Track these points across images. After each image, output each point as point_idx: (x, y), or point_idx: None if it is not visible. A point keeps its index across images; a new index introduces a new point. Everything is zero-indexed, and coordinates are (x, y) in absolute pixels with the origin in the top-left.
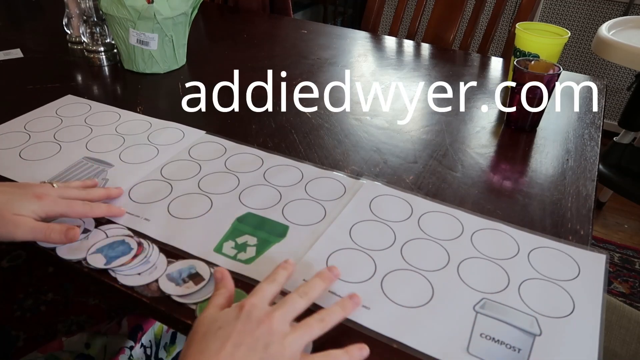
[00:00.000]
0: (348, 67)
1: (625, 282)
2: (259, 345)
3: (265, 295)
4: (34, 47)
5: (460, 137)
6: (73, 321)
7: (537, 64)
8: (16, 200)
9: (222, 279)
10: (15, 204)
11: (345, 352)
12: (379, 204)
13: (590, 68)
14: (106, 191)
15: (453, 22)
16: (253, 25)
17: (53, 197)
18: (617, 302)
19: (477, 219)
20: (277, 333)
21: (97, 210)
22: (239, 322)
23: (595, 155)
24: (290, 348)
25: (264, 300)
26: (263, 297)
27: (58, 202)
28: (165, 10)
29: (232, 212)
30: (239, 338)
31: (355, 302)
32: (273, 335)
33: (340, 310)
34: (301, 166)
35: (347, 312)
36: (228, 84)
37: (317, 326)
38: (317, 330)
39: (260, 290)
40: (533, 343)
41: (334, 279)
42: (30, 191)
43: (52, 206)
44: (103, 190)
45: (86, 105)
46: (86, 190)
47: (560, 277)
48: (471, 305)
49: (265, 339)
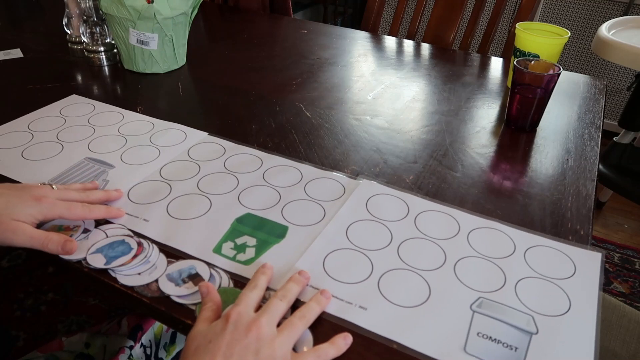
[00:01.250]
0: (348, 67)
1: (625, 282)
2: (250, 352)
3: (249, 302)
4: (34, 47)
5: (460, 137)
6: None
7: (537, 64)
8: (14, 203)
9: (207, 294)
10: (14, 208)
11: (331, 344)
12: (376, 203)
13: (590, 68)
14: (106, 194)
15: (453, 22)
16: (253, 25)
17: (52, 199)
18: (617, 302)
19: (473, 217)
20: (265, 338)
21: (96, 212)
22: (227, 333)
23: (595, 155)
24: (280, 349)
25: (249, 308)
26: (247, 305)
27: (57, 204)
28: (165, 10)
29: (232, 212)
30: (229, 348)
31: (326, 296)
32: (262, 340)
33: (316, 305)
34: (300, 167)
35: (322, 306)
36: (228, 83)
37: (300, 324)
38: (301, 327)
39: (244, 298)
40: (530, 341)
41: (305, 282)
42: (29, 193)
43: (50, 208)
44: (102, 193)
45: (90, 105)
46: (85, 193)
47: (557, 275)
48: (468, 305)
49: (255, 345)
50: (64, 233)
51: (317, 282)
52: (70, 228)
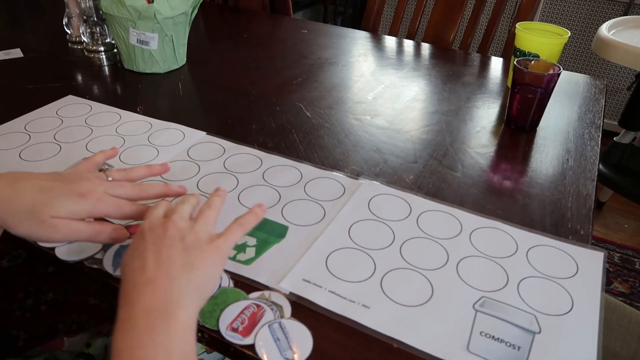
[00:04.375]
0: (348, 67)
1: (625, 282)
2: (175, 241)
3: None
4: (34, 47)
5: (460, 137)
6: (73, 320)
7: (537, 64)
8: (56, 199)
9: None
10: (55, 204)
11: (250, 213)
12: (378, 203)
13: (590, 68)
14: (165, 188)
15: (453, 22)
16: (253, 25)
17: (98, 195)
18: (617, 302)
19: (475, 217)
20: (183, 228)
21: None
22: (147, 237)
23: (595, 155)
24: (202, 232)
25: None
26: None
27: (103, 202)
28: (166, 10)
29: (232, 212)
30: (155, 246)
31: (263, 209)
32: (182, 230)
33: (254, 217)
34: (300, 166)
35: (259, 218)
36: (228, 83)
37: (209, 211)
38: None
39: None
40: (532, 341)
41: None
42: (75, 189)
43: (96, 206)
44: (161, 187)
45: (87, 105)
46: (142, 187)
47: (559, 274)
48: (471, 304)
49: (178, 235)
50: None
51: (320, 280)
52: None
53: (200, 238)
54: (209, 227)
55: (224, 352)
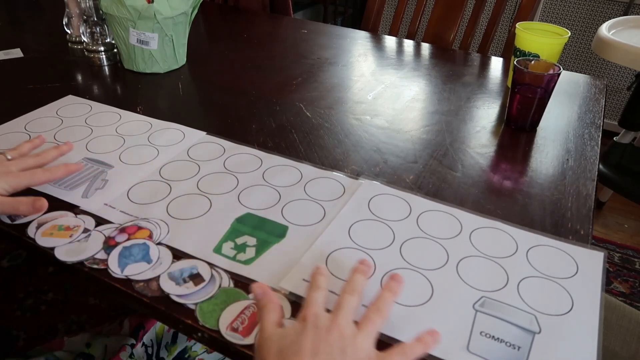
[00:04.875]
0: (348, 67)
1: (625, 282)
2: (336, 350)
3: (319, 303)
4: (34, 47)
5: (460, 137)
6: (73, 320)
7: (537, 63)
8: None
9: (265, 294)
10: None
11: (418, 342)
12: (378, 203)
13: (590, 68)
14: (58, 149)
15: (453, 22)
16: (253, 25)
17: (14, 172)
18: (617, 301)
19: (475, 217)
20: (347, 336)
21: (57, 173)
22: (309, 333)
23: (595, 155)
24: (362, 348)
25: (321, 308)
26: (319, 306)
27: (20, 176)
28: (166, 10)
29: (231, 212)
30: (315, 347)
31: (398, 281)
32: (345, 339)
33: (389, 294)
34: (300, 166)
35: (395, 293)
36: (228, 83)
37: (377, 318)
38: (379, 322)
39: (313, 300)
40: (532, 341)
41: (369, 270)
42: None
43: (16, 181)
44: (55, 150)
45: (87, 105)
46: (41, 156)
47: (559, 274)
48: (471, 304)
49: (339, 344)
50: (64, 232)
51: None
52: (70, 228)
53: (360, 356)
54: (372, 338)
55: (224, 352)
